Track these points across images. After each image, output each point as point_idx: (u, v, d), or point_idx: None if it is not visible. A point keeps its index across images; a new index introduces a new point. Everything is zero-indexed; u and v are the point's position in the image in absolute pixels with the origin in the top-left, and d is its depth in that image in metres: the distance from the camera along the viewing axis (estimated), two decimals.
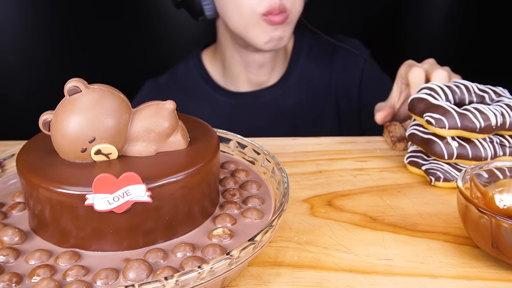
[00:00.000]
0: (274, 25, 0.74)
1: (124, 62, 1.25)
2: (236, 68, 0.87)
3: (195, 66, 0.91)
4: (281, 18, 0.74)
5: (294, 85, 0.89)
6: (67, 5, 1.21)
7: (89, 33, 1.23)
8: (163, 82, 0.92)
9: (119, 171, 0.35)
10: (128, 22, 1.25)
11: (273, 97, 0.88)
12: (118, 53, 1.25)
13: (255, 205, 0.42)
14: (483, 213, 0.37)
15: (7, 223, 0.40)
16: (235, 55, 0.85)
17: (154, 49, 1.29)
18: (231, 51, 0.85)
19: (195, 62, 0.91)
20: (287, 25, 0.76)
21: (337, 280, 0.38)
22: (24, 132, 0.58)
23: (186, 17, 0.87)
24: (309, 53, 0.90)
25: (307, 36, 0.91)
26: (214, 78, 0.90)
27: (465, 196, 0.39)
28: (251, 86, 0.89)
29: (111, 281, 0.33)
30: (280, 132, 0.87)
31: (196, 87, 0.90)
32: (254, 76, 0.87)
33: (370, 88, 0.90)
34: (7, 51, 1.19)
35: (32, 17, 1.21)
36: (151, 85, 0.93)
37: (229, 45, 0.85)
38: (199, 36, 1.04)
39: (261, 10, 0.73)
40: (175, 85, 0.92)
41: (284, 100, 0.88)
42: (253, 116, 0.88)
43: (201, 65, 0.91)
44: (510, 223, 0.36)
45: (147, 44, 1.27)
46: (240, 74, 0.87)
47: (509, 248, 0.37)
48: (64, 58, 1.24)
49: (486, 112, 0.50)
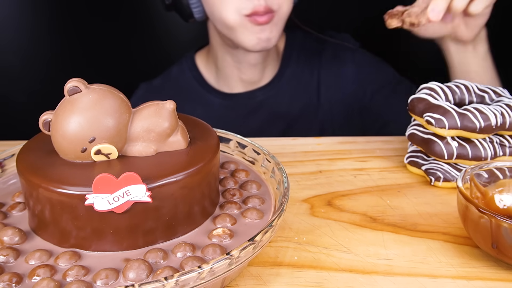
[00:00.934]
0: (260, 26, 0.74)
1: (124, 62, 1.24)
2: (228, 69, 0.87)
3: (188, 68, 0.91)
4: (266, 18, 0.73)
5: (286, 84, 0.89)
6: (67, 5, 1.21)
7: (89, 33, 1.23)
8: (157, 84, 0.93)
9: (119, 171, 0.35)
10: (128, 22, 1.25)
11: (266, 97, 0.88)
12: (118, 53, 1.25)
13: (255, 205, 0.42)
14: (483, 213, 0.37)
15: (7, 223, 0.40)
16: (226, 56, 0.85)
17: (154, 49, 1.29)
18: (222, 52, 0.85)
19: (188, 65, 0.91)
20: (274, 26, 0.75)
21: (337, 280, 0.38)
22: (24, 132, 0.58)
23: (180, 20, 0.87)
24: (300, 52, 0.90)
25: (299, 35, 0.91)
26: (208, 80, 0.90)
27: (465, 196, 0.39)
28: (244, 86, 0.89)
29: (111, 281, 0.33)
30: (274, 132, 0.88)
31: (189, 89, 0.90)
32: (246, 76, 0.87)
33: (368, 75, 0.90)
34: (7, 51, 1.19)
35: (32, 17, 1.21)
36: (145, 87, 0.93)
37: (220, 46, 0.85)
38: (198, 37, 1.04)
39: (245, 11, 0.73)
40: (169, 87, 0.92)
41: (277, 100, 0.89)
42: (246, 117, 0.88)
43: (194, 67, 0.91)
44: (510, 223, 0.36)
45: (148, 44, 1.27)
46: (232, 75, 0.87)
47: (509, 248, 0.37)
48: (64, 58, 1.24)
49: (486, 112, 0.50)
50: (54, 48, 1.23)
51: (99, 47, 1.25)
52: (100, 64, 1.22)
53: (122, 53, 1.26)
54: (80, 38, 1.23)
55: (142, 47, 1.27)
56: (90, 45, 1.24)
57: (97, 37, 1.23)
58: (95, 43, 1.24)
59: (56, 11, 1.22)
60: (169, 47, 1.30)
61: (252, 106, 0.89)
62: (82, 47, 1.24)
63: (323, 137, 0.66)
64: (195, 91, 0.90)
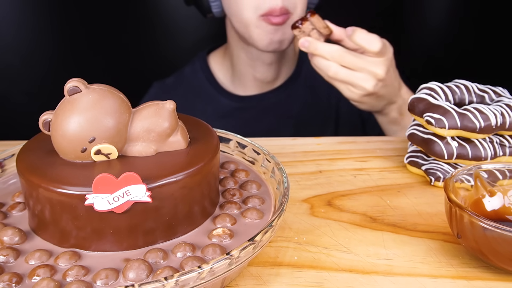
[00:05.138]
0: (274, 26, 0.74)
1: (125, 62, 1.25)
2: (243, 67, 0.87)
3: (201, 68, 0.91)
4: (280, 19, 0.74)
5: (300, 88, 0.89)
6: (67, 5, 1.21)
7: (90, 32, 1.23)
8: (169, 83, 0.93)
9: (119, 171, 0.35)
10: (130, 22, 1.25)
11: (278, 99, 0.88)
12: (118, 53, 1.25)
13: (255, 205, 0.42)
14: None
15: (7, 223, 0.40)
16: (242, 53, 0.85)
17: (155, 50, 1.29)
18: (238, 49, 0.86)
19: (201, 64, 0.92)
20: (288, 28, 0.76)
21: (337, 280, 0.38)
22: (24, 132, 0.58)
23: (191, 17, 0.87)
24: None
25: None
26: (220, 80, 0.90)
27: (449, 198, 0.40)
28: (258, 86, 0.89)
29: (111, 281, 0.33)
30: (284, 135, 0.87)
31: (201, 89, 0.90)
32: (261, 74, 0.87)
33: None
34: (7, 51, 1.19)
35: (32, 17, 1.21)
36: (157, 86, 0.94)
37: (236, 43, 0.85)
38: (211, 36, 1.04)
39: (261, 11, 0.73)
40: (181, 86, 0.92)
41: (288, 103, 0.88)
42: (257, 119, 0.88)
43: (207, 67, 0.91)
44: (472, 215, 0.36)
45: (151, 44, 1.27)
46: (247, 73, 0.87)
47: (471, 238, 0.37)
48: (64, 58, 1.24)
49: (486, 112, 0.50)
50: (55, 48, 1.23)
51: (99, 47, 1.25)
52: (101, 64, 1.23)
53: (123, 53, 1.26)
54: (80, 38, 1.23)
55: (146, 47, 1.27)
56: (90, 45, 1.24)
57: (98, 37, 1.23)
58: (96, 43, 1.24)
59: (56, 11, 1.22)
60: (174, 47, 1.30)
61: (263, 109, 0.88)
62: (83, 47, 1.24)
63: (323, 137, 0.66)
64: (206, 92, 0.90)
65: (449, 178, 0.42)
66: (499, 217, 0.41)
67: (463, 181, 0.44)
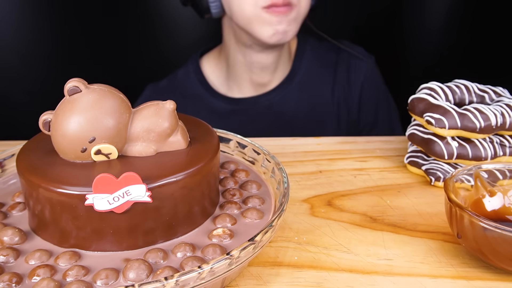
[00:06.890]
0: (278, 17, 0.74)
1: (125, 62, 1.25)
2: (239, 69, 0.87)
3: (193, 70, 0.91)
4: (284, 9, 0.74)
5: (295, 89, 0.89)
6: (67, 5, 1.21)
7: (90, 32, 1.23)
8: (163, 86, 0.93)
9: (119, 171, 0.35)
10: (131, 22, 1.25)
11: (273, 102, 0.88)
12: (119, 53, 1.25)
13: (255, 205, 0.42)
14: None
15: (7, 223, 0.40)
16: (238, 55, 0.85)
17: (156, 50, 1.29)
18: (235, 51, 0.85)
19: (194, 67, 0.91)
20: (293, 20, 0.76)
21: (337, 280, 0.38)
22: (24, 132, 0.58)
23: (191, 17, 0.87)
24: (311, 58, 0.90)
25: (310, 40, 0.91)
26: (213, 83, 0.90)
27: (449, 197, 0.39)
28: (253, 87, 0.88)
29: (111, 281, 0.33)
30: None
31: (194, 92, 0.90)
32: (257, 76, 0.87)
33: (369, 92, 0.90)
34: (7, 51, 1.19)
35: (32, 17, 1.21)
36: (151, 89, 0.94)
37: (233, 45, 0.85)
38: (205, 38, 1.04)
39: (263, 3, 0.73)
40: (175, 89, 0.92)
41: (284, 105, 0.88)
42: (251, 122, 0.88)
43: (199, 70, 0.91)
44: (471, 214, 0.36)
45: (152, 44, 1.27)
46: (243, 75, 0.87)
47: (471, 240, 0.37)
48: (64, 58, 1.24)
49: (486, 112, 0.50)
50: (55, 48, 1.23)
51: (100, 47, 1.25)
52: (101, 64, 1.22)
53: (124, 53, 1.26)
54: (81, 38, 1.23)
55: (147, 47, 1.27)
56: (91, 44, 1.24)
57: (98, 37, 1.23)
58: (96, 42, 1.24)
59: (56, 11, 1.22)
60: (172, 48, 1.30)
61: (257, 111, 0.88)
62: (83, 47, 1.24)
63: (323, 137, 0.66)
64: (199, 94, 0.90)
65: (449, 178, 0.42)
66: (499, 217, 0.41)
67: (463, 181, 0.44)
